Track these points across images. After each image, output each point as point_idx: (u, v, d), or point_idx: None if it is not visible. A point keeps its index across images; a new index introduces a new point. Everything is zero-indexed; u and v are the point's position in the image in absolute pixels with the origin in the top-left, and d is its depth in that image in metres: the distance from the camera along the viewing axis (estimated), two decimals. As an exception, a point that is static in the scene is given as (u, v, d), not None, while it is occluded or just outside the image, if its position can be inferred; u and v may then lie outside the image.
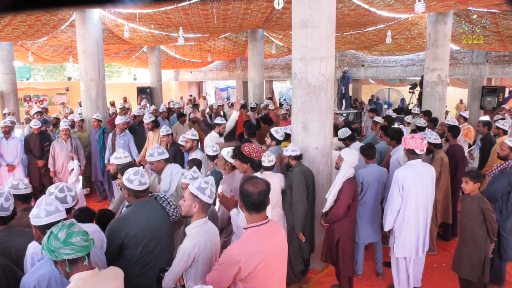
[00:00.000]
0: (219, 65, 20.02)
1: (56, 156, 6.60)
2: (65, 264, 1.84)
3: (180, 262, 2.40)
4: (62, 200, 2.44)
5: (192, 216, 2.50)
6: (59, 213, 2.20)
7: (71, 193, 2.51)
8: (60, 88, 17.71)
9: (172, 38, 11.01)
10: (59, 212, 2.21)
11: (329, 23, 4.43)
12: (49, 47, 13.20)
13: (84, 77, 7.93)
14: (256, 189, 2.15)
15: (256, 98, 11.90)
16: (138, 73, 24.00)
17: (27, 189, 2.98)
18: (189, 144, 5.29)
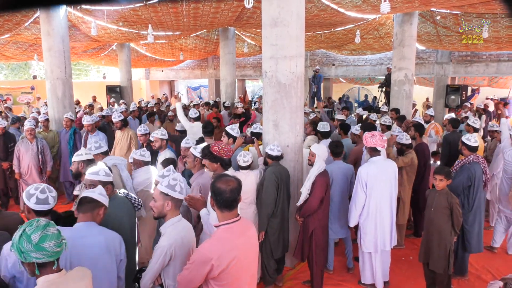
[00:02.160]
0: (191, 64, 19.84)
1: (21, 158, 6.36)
2: (34, 266, 1.81)
3: (158, 261, 2.39)
4: (43, 201, 2.39)
5: (166, 215, 2.49)
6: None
7: (52, 193, 2.46)
8: (25, 87, 17.06)
9: (142, 36, 10.81)
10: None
11: (298, 22, 4.48)
12: (12, 44, 12.66)
13: (49, 75, 7.68)
14: (228, 187, 2.16)
15: (228, 97, 11.88)
16: (107, 72, 23.43)
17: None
18: (158, 143, 5.23)
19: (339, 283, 4.60)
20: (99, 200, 2.45)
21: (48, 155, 6.65)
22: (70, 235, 2.20)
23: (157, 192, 2.49)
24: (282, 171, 4.23)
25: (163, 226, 2.51)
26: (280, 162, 4.34)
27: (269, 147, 4.28)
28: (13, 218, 3.10)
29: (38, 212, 2.41)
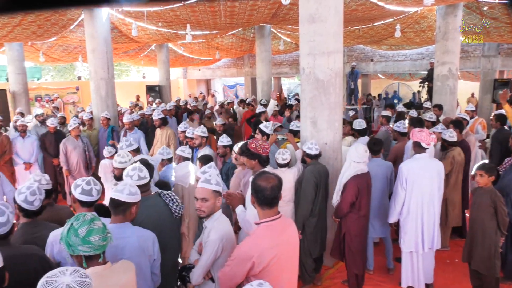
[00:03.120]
0: (227, 62, 20.03)
1: (69, 155, 6.66)
2: (82, 259, 1.89)
3: (210, 256, 2.42)
4: (87, 192, 2.49)
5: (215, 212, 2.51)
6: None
7: (97, 186, 2.55)
8: (70, 87, 17.87)
9: (179, 36, 11.03)
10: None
11: (336, 17, 4.40)
12: (58, 46, 13.33)
13: (93, 76, 7.99)
14: (269, 184, 2.16)
15: (264, 94, 11.88)
16: (147, 72, 24.12)
17: (49, 185, 3.08)
18: (198, 140, 5.32)
19: (378, 284, 4.48)
20: (129, 201, 2.43)
21: (91, 152, 6.94)
22: None
23: (208, 191, 2.46)
24: (321, 170, 4.17)
25: (207, 221, 2.52)
26: (318, 160, 4.27)
27: (307, 146, 4.21)
28: (65, 211, 3.29)
29: (82, 202, 2.51)
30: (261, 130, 5.00)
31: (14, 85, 12.04)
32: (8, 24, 8.62)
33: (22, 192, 2.55)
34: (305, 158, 4.28)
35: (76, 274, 1.32)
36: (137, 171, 2.87)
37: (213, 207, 2.47)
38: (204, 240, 2.51)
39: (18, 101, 12.00)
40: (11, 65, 12.02)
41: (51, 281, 1.26)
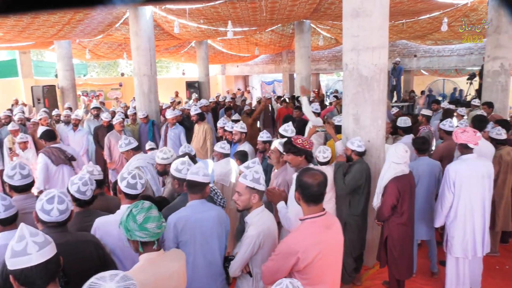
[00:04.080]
0: (265, 59, 20.02)
1: (112, 148, 6.91)
2: (138, 244, 1.99)
3: (247, 250, 2.47)
4: (132, 186, 2.59)
5: (251, 207, 2.56)
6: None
7: (142, 180, 2.65)
8: (114, 83, 18.55)
9: (219, 33, 11.14)
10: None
11: (382, 11, 4.27)
12: (104, 44, 13.86)
13: (137, 72, 8.24)
14: (316, 181, 2.14)
15: (303, 91, 11.77)
16: (186, 68, 24.59)
17: (100, 175, 3.28)
18: (238, 136, 5.35)
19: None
20: (204, 181, 2.64)
21: (135, 147, 7.15)
22: (190, 212, 2.59)
23: (243, 186, 2.53)
24: (366, 168, 4.08)
25: (248, 216, 2.58)
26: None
27: (356, 144, 4.11)
28: (114, 201, 3.43)
29: (127, 194, 2.61)
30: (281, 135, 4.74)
31: (63, 81, 12.66)
32: (58, 23, 9.04)
33: (75, 183, 2.68)
34: (352, 156, 4.18)
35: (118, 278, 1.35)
36: (186, 165, 2.98)
37: (248, 202, 2.53)
38: (244, 235, 2.57)
39: (66, 96, 12.61)
40: (60, 62, 12.63)
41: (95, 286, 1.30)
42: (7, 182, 3.01)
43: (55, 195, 2.21)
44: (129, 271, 2.00)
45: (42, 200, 2.19)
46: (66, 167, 5.02)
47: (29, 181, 3.07)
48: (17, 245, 1.52)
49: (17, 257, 1.51)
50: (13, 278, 1.53)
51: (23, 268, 1.50)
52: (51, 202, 2.18)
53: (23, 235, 1.55)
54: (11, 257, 1.52)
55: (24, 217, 2.74)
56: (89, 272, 2.21)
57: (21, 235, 1.55)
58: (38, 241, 1.55)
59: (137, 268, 2.00)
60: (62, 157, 4.98)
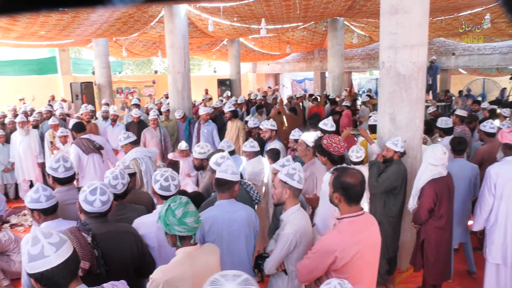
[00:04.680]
0: (296, 57, 19.90)
1: (147, 144, 7.08)
2: (176, 238, 2.03)
3: (283, 248, 2.47)
4: (165, 188, 2.59)
5: (284, 203, 2.55)
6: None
7: (175, 182, 2.65)
8: (147, 81, 18.96)
9: (252, 30, 11.17)
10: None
11: (422, 8, 4.15)
12: (139, 42, 14.20)
13: (171, 70, 8.38)
14: (357, 180, 2.13)
15: (335, 89, 11.63)
16: (217, 66, 24.82)
17: (133, 170, 3.38)
18: (268, 134, 5.35)
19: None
20: (232, 180, 2.64)
21: (169, 142, 7.30)
22: (218, 212, 2.60)
23: (277, 179, 2.57)
24: (403, 170, 3.99)
25: (284, 214, 2.57)
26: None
27: (399, 145, 4.01)
28: (145, 196, 3.52)
29: (162, 196, 2.63)
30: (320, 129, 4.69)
31: (100, 78, 13.07)
32: (97, 22, 9.33)
33: (106, 177, 2.77)
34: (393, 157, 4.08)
35: (240, 279, 1.30)
36: (226, 159, 3.06)
37: (280, 196, 2.54)
38: (279, 233, 2.57)
39: (102, 93, 13.02)
40: (98, 60, 13.05)
41: (217, 282, 1.27)
42: (51, 174, 3.13)
43: (98, 187, 2.28)
44: (167, 265, 2.05)
45: (85, 192, 2.26)
46: (96, 155, 5.31)
47: (71, 173, 3.17)
48: (33, 249, 1.49)
49: (35, 261, 1.48)
50: (35, 281, 1.52)
51: (43, 271, 1.48)
52: (94, 194, 2.25)
53: (37, 238, 1.51)
54: (29, 261, 1.49)
55: (67, 208, 2.86)
56: (128, 262, 2.31)
57: (35, 238, 1.51)
58: (53, 242, 1.52)
59: (175, 261, 2.05)
60: (91, 147, 5.26)
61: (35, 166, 6.97)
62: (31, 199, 2.49)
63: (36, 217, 2.53)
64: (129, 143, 4.76)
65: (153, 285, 1.95)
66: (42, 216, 2.51)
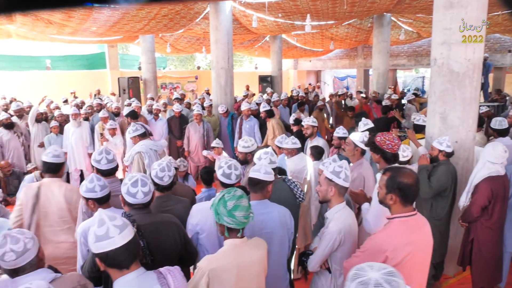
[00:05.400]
0: (339, 54, 19.54)
1: (190, 138, 7.24)
2: (224, 228, 2.06)
3: (327, 246, 2.44)
4: (227, 175, 2.62)
5: (330, 201, 2.52)
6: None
7: (237, 172, 2.67)
8: (190, 76, 19.34)
9: (295, 27, 11.09)
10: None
11: (479, 2, 3.93)
12: (183, 38, 14.51)
13: (215, 65, 8.50)
14: (414, 180, 2.08)
15: (379, 87, 11.32)
16: (259, 62, 24.87)
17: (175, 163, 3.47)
18: (310, 130, 5.30)
19: (511, 305, 3.96)
20: (266, 179, 2.58)
21: (211, 137, 7.41)
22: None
23: (323, 177, 2.54)
24: (453, 171, 3.82)
25: (329, 212, 2.54)
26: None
27: (445, 144, 3.85)
28: (187, 188, 3.59)
29: (222, 183, 2.66)
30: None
31: (145, 73, 13.51)
32: (145, 18, 9.64)
33: (154, 168, 2.82)
34: (439, 157, 3.93)
35: (385, 271, 1.29)
36: (269, 155, 3.02)
37: (326, 193, 2.50)
38: (323, 230, 2.54)
39: (148, 88, 13.44)
40: (144, 56, 13.48)
41: (359, 275, 1.27)
42: (95, 166, 3.23)
43: (138, 179, 2.33)
44: (214, 254, 2.10)
45: (127, 184, 2.32)
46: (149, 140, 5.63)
47: (114, 166, 3.24)
48: (99, 230, 1.60)
49: (101, 241, 1.59)
50: (100, 260, 1.64)
51: (108, 251, 1.59)
52: (135, 186, 2.30)
53: (103, 220, 1.63)
54: (95, 241, 1.60)
55: (111, 200, 2.96)
56: (171, 251, 2.36)
57: (101, 220, 1.63)
58: (117, 225, 1.63)
59: (221, 252, 2.08)
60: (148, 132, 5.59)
61: (85, 156, 7.31)
62: (87, 189, 2.60)
63: (91, 206, 2.64)
64: (138, 136, 4.79)
65: (199, 273, 2.00)
66: (96, 205, 2.62)
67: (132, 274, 1.65)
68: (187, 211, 2.75)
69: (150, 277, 1.69)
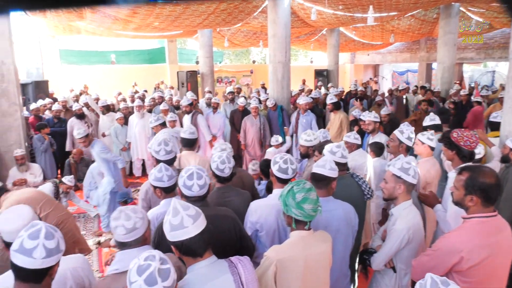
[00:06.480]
0: (399, 47, 18.71)
1: (247, 131, 7.30)
2: (292, 220, 2.07)
3: (394, 244, 2.37)
4: (283, 170, 2.61)
5: (396, 198, 2.44)
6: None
7: (293, 166, 2.65)
8: (245, 70, 19.52)
9: (355, 19, 10.76)
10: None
11: None
12: (240, 32, 14.65)
13: (272, 59, 8.47)
14: (496, 179, 1.96)
15: (444, 82, 10.67)
16: (314, 56, 24.52)
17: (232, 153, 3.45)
18: (372, 126, 5.12)
19: None
20: (331, 176, 2.53)
21: (267, 131, 7.43)
22: None
23: (389, 174, 2.47)
24: None
25: (395, 209, 2.47)
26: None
27: None
28: (248, 176, 3.63)
29: (278, 178, 2.65)
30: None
31: (203, 67, 13.81)
32: (205, 13, 9.84)
33: (214, 161, 2.84)
34: (507, 156, 3.65)
35: None
36: (341, 149, 2.97)
37: (392, 191, 2.44)
38: (389, 228, 2.46)
39: (205, 81, 13.74)
40: (202, 50, 13.78)
41: None
42: (154, 156, 3.34)
43: (194, 172, 2.35)
44: (281, 245, 2.10)
45: (183, 177, 2.35)
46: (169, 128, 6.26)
47: (172, 156, 3.33)
48: (174, 219, 1.66)
49: (176, 231, 1.65)
50: (175, 248, 1.70)
51: (183, 240, 1.65)
52: (191, 178, 2.33)
53: (177, 210, 1.68)
54: (170, 230, 1.66)
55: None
56: (228, 244, 2.37)
57: (175, 210, 1.68)
58: (191, 214, 1.68)
59: (288, 243, 2.08)
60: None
61: (147, 146, 7.64)
62: (155, 178, 2.68)
63: (158, 194, 2.74)
64: (159, 125, 5.43)
65: (267, 262, 2.01)
66: (163, 194, 2.71)
67: (204, 262, 1.70)
68: (246, 204, 2.76)
69: (221, 265, 1.73)
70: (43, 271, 1.56)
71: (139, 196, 3.35)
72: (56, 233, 1.63)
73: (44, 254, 1.54)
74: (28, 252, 1.52)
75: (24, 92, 9.85)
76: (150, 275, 1.40)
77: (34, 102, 8.80)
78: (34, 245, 1.53)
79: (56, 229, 1.66)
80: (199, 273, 1.68)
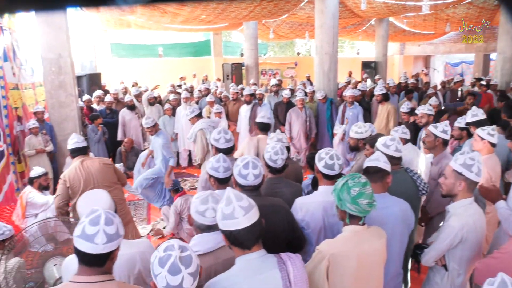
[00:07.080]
0: (453, 36, 17.73)
1: (292, 124, 7.23)
2: (346, 215, 2.01)
3: (445, 241, 2.27)
4: (330, 166, 2.50)
5: (456, 195, 2.32)
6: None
7: (339, 161, 2.55)
8: (290, 62, 19.35)
9: (407, 8, 10.27)
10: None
11: None
12: (285, 24, 14.49)
13: (319, 51, 8.29)
14: None
15: (504, 74, 9.96)
16: (360, 48, 23.82)
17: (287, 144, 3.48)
18: (425, 119, 4.90)
19: None
20: (386, 169, 2.43)
21: (313, 123, 7.31)
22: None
23: (450, 169, 2.34)
24: None
25: (452, 205, 2.36)
26: None
27: None
28: (296, 166, 3.59)
29: (324, 175, 2.56)
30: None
31: (248, 59, 13.83)
32: (251, 5, 9.80)
33: (267, 151, 2.82)
34: None
35: None
36: (396, 142, 2.87)
37: (452, 187, 2.32)
38: (443, 224, 2.37)
39: (250, 74, 13.77)
40: (247, 42, 13.79)
41: None
42: (213, 145, 3.39)
43: (249, 161, 2.34)
44: (333, 239, 2.04)
45: (239, 166, 2.34)
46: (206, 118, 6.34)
47: (231, 145, 3.39)
48: (226, 209, 1.65)
49: (227, 220, 1.64)
50: (224, 237, 1.69)
51: (232, 230, 1.63)
52: (247, 168, 2.32)
53: (230, 199, 1.66)
54: (222, 219, 1.65)
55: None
56: (280, 235, 2.33)
57: (228, 199, 1.67)
58: (243, 206, 1.65)
59: (341, 237, 2.03)
60: None
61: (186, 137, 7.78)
62: (212, 167, 2.68)
63: (212, 183, 2.75)
64: (195, 116, 5.48)
65: (319, 256, 1.97)
66: (216, 183, 2.72)
67: (253, 255, 1.67)
68: (296, 196, 2.70)
69: (270, 260, 1.69)
70: (105, 255, 1.61)
71: (198, 184, 3.45)
72: (115, 218, 1.67)
73: (105, 240, 1.58)
74: (90, 238, 1.57)
75: (79, 84, 10.35)
76: (173, 264, 1.41)
77: (88, 94, 9.22)
78: (95, 231, 1.58)
79: (115, 214, 1.70)
80: (245, 266, 1.66)
